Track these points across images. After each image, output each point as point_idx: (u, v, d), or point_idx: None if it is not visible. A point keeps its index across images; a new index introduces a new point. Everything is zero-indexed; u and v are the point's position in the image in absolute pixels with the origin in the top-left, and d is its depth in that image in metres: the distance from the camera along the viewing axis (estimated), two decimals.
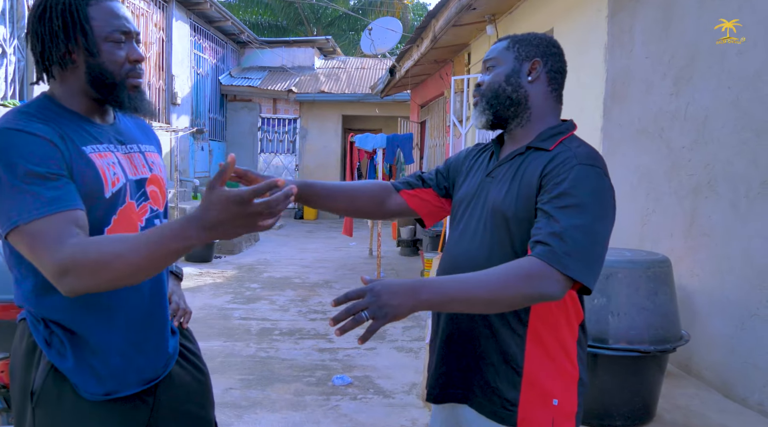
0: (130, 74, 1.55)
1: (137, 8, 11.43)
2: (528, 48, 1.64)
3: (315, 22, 23.77)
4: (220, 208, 1.20)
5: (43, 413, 1.50)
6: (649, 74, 3.94)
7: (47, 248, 1.30)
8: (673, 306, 2.76)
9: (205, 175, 14.52)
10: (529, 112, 1.63)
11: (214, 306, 7.11)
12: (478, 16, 6.68)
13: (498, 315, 1.56)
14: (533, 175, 1.53)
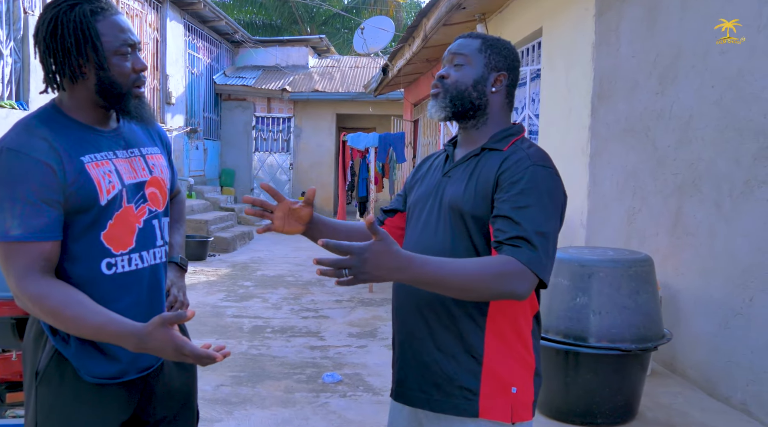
0: (135, 83, 1.64)
1: (131, 9, 11.42)
2: (498, 58, 1.70)
3: (309, 21, 23.75)
4: (160, 344, 1.42)
5: (45, 391, 1.62)
6: (635, 73, 3.97)
7: (15, 272, 1.50)
8: (654, 305, 2.78)
9: (200, 174, 14.52)
10: (486, 117, 1.71)
11: (208, 304, 7.13)
12: (468, 15, 6.69)
13: (459, 305, 1.61)
14: (489, 173, 1.60)
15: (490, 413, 1.59)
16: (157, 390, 1.78)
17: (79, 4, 1.59)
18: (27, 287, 1.49)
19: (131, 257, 1.66)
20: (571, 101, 4.77)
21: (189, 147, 13.86)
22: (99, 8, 1.60)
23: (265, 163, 16.38)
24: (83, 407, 1.63)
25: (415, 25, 7.88)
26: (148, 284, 1.72)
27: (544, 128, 5.38)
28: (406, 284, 1.69)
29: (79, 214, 1.57)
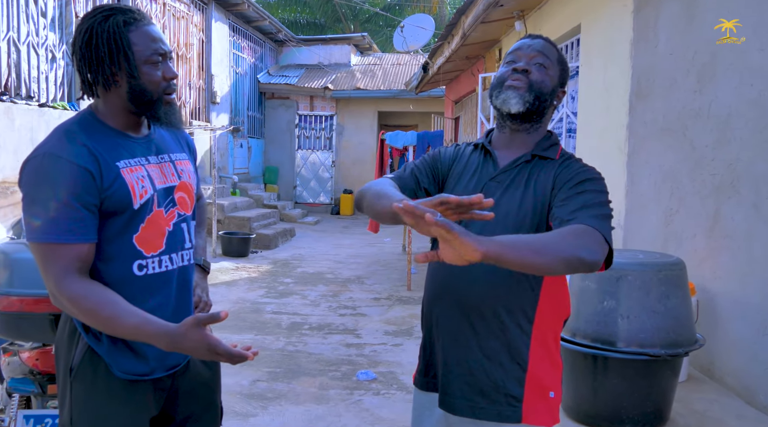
0: (166, 91, 1.71)
1: (178, 11, 11.66)
2: (564, 75, 1.74)
3: (352, 19, 23.84)
4: (194, 344, 1.48)
5: (79, 386, 1.69)
6: (672, 71, 3.88)
7: (54, 274, 1.56)
8: (686, 310, 2.72)
9: (244, 172, 14.75)
10: (540, 125, 1.73)
11: (248, 300, 7.25)
12: (506, 12, 6.64)
13: (508, 313, 1.62)
14: (546, 184, 1.62)
15: (532, 418, 1.61)
16: (184, 388, 1.84)
17: (113, 14, 1.66)
18: (65, 288, 1.55)
19: (161, 259, 1.72)
20: (608, 99, 4.69)
21: (233, 145, 14.09)
22: (132, 19, 1.67)
23: (308, 160, 16.54)
24: (115, 403, 1.69)
25: (454, 22, 7.85)
26: (176, 285, 1.78)
27: (582, 127, 5.30)
28: (449, 289, 1.70)
29: (114, 217, 1.64)
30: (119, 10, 1.68)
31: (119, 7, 1.70)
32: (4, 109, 6.86)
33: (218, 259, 9.66)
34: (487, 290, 1.64)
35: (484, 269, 1.61)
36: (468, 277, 1.67)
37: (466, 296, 1.66)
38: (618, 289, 2.65)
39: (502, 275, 1.61)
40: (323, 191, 16.64)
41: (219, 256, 9.83)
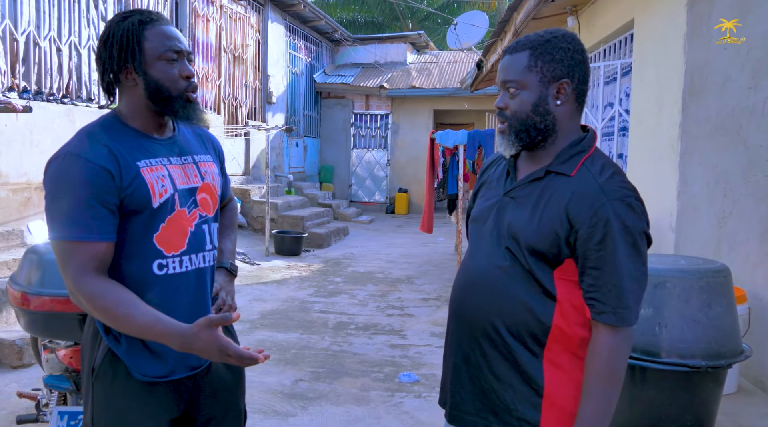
0: (187, 89, 1.73)
1: (234, 13, 11.87)
2: (552, 66, 1.52)
3: (410, 17, 23.79)
4: (205, 345, 1.50)
5: (100, 387, 1.73)
6: (726, 67, 3.69)
7: (72, 272, 1.59)
8: (730, 319, 2.57)
9: (299, 171, 14.92)
10: (555, 136, 1.56)
11: (297, 299, 7.32)
12: (558, 8, 6.48)
13: (515, 337, 1.55)
14: (557, 207, 1.49)
15: None
16: (205, 389, 1.86)
17: (131, 15, 1.70)
18: (83, 286, 1.58)
19: (182, 260, 1.74)
20: (661, 97, 4.51)
21: (289, 144, 14.26)
22: (149, 19, 1.70)
23: (363, 159, 16.60)
24: (134, 404, 1.72)
25: (506, 19, 7.71)
26: (195, 285, 1.79)
27: (635, 126, 5.12)
28: (462, 306, 1.67)
29: (134, 216, 1.66)
30: (138, 11, 1.72)
31: (139, 10, 1.73)
32: (66, 110, 7.12)
33: (271, 257, 9.79)
34: (492, 312, 1.58)
35: (490, 291, 1.59)
36: (476, 298, 1.62)
37: (475, 315, 1.62)
38: (656, 296, 2.53)
39: (507, 299, 1.56)
40: (378, 190, 16.67)
41: (271, 254, 9.96)
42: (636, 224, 1.46)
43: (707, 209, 3.88)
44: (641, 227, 1.48)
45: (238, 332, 5.92)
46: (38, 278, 2.39)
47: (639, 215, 1.48)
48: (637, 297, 1.48)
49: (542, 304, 1.53)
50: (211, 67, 11.01)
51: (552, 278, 1.52)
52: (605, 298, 1.46)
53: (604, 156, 1.58)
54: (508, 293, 1.55)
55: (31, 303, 2.32)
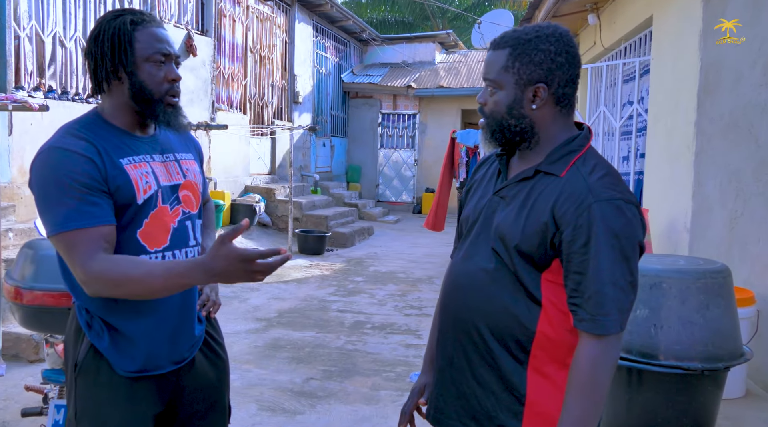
0: (168, 92, 1.74)
1: (261, 13, 11.98)
2: (529, 68, 1.47)
3: (441, 16, 23.73)
4: (225, 262, 1.42)
5: (83, 382, 1.75)
6: (739, 63, 3.60)
7: (79, 258, 1.56)
8: (729, 321, 2.51)
9: (326, 171, 14.98)
10: (538, 137, 1.51)
11: (316, 298, 7.35)
12: (579, 5, 6.40)
13: (499, 342, 1.51)
14: (544, 208, 1.45)
15: None
16: (189, 385, 1.88)
17: (122, 14, 1.73)
18: (92, 267, 1.55)
19: (165, 255, 1.76)
20: (678, 95, 4.41)
21: (315, 144, 14.34)
22: (140, 20, 1.72)
23: (390, 159, 16.60)
24: (117, 398, 1.74)
25: (528, 17, 7.66)
26: None
27: (652, 125, 5.03)
28: (447, 308, 1.64)
29: (120, 211, 1.68)
30: (130, 11, 1.74)
31: (131, 9, 1.76)
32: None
33: (294, 256, 9.84)
34: (477, 316, 1.54)
35: (473, 293, 1.55)
36: (461, 300, 1.59)
37: (459, 318, 1.59)
38: (653, 297, 2.48)
39: (491, 303, 1.52)
40: (405, 190, 16.66)
41: (295, 253, 10.02)
42: (624, 229, 1.38)
43: (719, 210, 3.79)
44: (630, 233, 1.39)
45: (254, 330, 5.99)
46: (32, 272, 2.44)
47: (629, 219, 1.40)
48: (621, 306, 1.40)
49: (527, 309, 1.48)
50: (237, 67, 11.12)
51: (539, 282, 1.47)
52: (586, 304, 1.40)
53: (598, 156, 1.52)
54: (493, 297, 1.51)
55: (23, 297, 2.38)
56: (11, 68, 6.56)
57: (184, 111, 1.86)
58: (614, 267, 1.38)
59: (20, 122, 6.47)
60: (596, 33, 6.78)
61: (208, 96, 10.01)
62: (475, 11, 22.48)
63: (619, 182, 1.45)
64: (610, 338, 1.40)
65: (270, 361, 5.10)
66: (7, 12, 6.47)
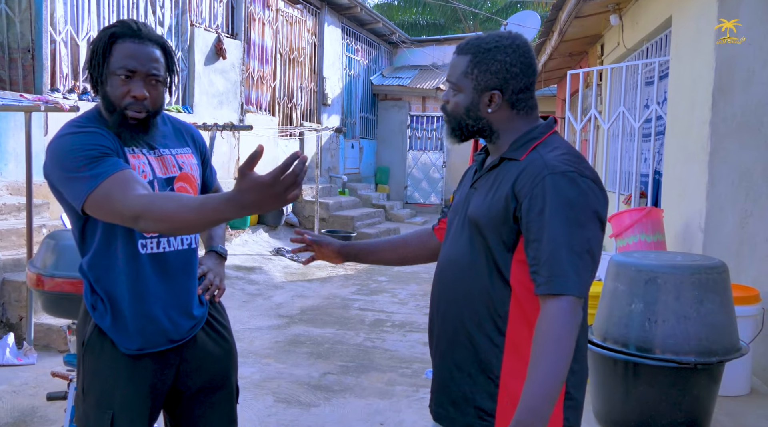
0: (128, 107, 1.82)
1: (291, 16, 12.17)
2: (486, 76, 1.59)
3: (472, 18, 23.71)
4: (253, 193, 1.40)
5: (89, 359, 1.89)
6: (750, 62, 3.61)
7: (119, 199, 1.63)
8: (725, 316, 2.53)
9: (355, 172, 15.12)
10: (497, 133, 1.64)
11: (338, 296, 7.47)
12: (601, 6, 6.40)
13: (476, 325, 1.59)
14: (505, 186, 1.55)
15: None
16: (191, 362, 1.98)
17: (112, 27, 1.85)
18: (132, 202, 1.61)
19: (159, 241, 1.88)
20: (694, 95, 4.42)
21: (344, 146, 14.48)
22: (123, 33, 1.82)
23: (419, 161, 16.67)
24: (119, 374, 1.87)
25: (552, 18, 7.67)
26: (177, 265, 1.93)
27: (671, 125, 5.03)
28: (433, 296, 1.74)
29: None
30: (119, 24, 1.85)
31: (126, 23, 1.85)
32: None
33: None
34: (457, 300, 1.63)
35: (454, 278, 1.64)
36: (443, 287, 1.69)
37: (441, 304, 1.68)
38: (648, 292, 2.52)
39: (469, 286, 1.60)
40: (434, 192, 16.71)
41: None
42: (578, 198, 1.46)
43: (731, 209, 3.80)
44: (584, 202, 1.47)
45: (276, 326, 6.13)
46: (53, 261, 2.60)
47: (582, 190, 1.47)
48: (576, 268, 1.44)
49: (501, 291, 1.56)
50: (266, 69, 11.32)
51: (509, 264, 1.55)
52: (542, 269, 1.45)
53: (561, 141, 1.61)
54: (470, 280, 1.60)
55: (45, 284, 2.53)
56: (47, 71, 6.82)
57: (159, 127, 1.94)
58: (569, 232, 1.44)
59: (55, 123, 6.72)
60: (619, 34, 6.78)
61: (238, 98, 10.22)
62: (506, 13, 22.42)
63: (578, 160, 1.54)
64: (568, 298, 1.43)
65: (289, 356, 5.22)
66: (44, 17, 6.73)
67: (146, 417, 1.92)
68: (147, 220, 1.59)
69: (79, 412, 1.90)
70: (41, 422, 3.74)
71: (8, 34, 6.89)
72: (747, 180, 3.64)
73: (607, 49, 7.92)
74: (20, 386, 4.29)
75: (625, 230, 4.16)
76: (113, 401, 1.85)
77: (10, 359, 4.70)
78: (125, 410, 1.86)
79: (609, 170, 7.09)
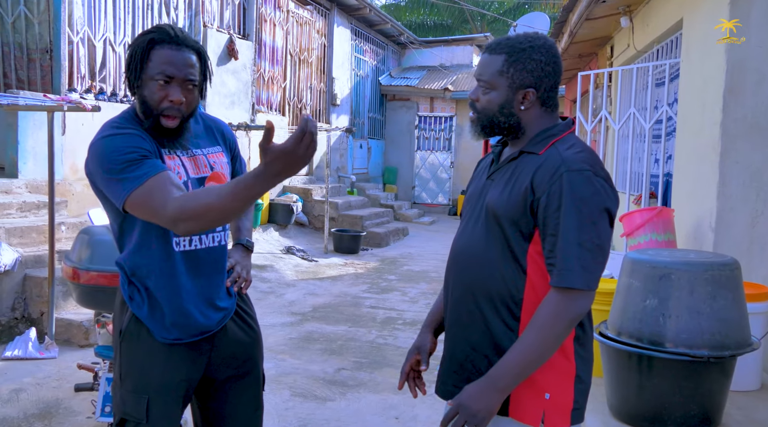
0: (164, 112, 1.90)
1: (301, 17, 12.27)
2: (522, 75, 1.67)
3: (480, 19, 23.77)
4: (278, 162, 1.50)
5: (126, 347, 1.98)
6: (761, 64, 3.68)
7: (158, 202, 1.72)
8: (737, 312, 2.61)
9: (363, 172, 15.20)
10: (523, 130, 1.72)
11: (349, 294, 7.55)
12: (611, 8, 6.46)
13: (492, 310, 1.67)
14: (524, 180, 1.64)
15: (519, 415, 1.64)
16: (223, 351, 2.08)
17: (150, 33, 1.92)
18: (172, 206, 1.69)
19: (191, 239, 1.97)
20: (705, 96, 4.48)
21: (353, 146, 14.57)
22: (161, 39, 1.90)
23: (427, 161, 16.75)
24: (155, 361, 1.97)
25: (562, 20, 7.74)
26: (208, 261, 2.02)
27: (682, 126, 5.09)
28: (447, 282, 1.81)
29: None
30: (157, 30, 1.93)
31: (164, 29, 1.93)
32: None
33: (329, 255, 10.08)
34: (472, 285, 1.71)
35: (470, 265, 1.72)
36: (458, 272, 1.77)
37: (457, 289, 1.75)
38: (662, 288, 2.60)
39: (484, 272, 1.68)
40: (441, 192, 16.78)
41: (330, 252, 10.25)
42: (592, 197, 1.56)
43: (741, 209, 3.87)
44: (597, 200, 1.56)
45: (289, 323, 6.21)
46: (88, 255, 2.69)
47: (596, 188, 1.57)
48: (584, 263, 1.54)
49: (516, 277, 1.65)
50: (276, 70, 11.42)
51: (526, 253, 1.64)
52: (556, 262, 1.56)
53: (578, 140, 1.70)
54: (486, 268, 1.68)
55: (81, 277, 2.63)
56: (65, 72, 6.93)
57: (191, 130, 2.01)
58: (581, 229, 1.55)
59: (72, 123, 6.83)
60: (629, 36, 6.84)
61: (249, 98, 10.32)
62: (514, 14, 22.47)
63: (593, 159, 1.63)
64: (573, 292, 1.55)
65: (303, 352, 5.31)
66: (62, 18, 6.84)
67: (180, 402, 2.01)
68: (186, 221, 1.68)
69: (117, 397, 1.99)
70: (66, 413, 3.84)
71: (27, 35, 7.01)
72: (757, 180, 3.71)
73: (616, 51, 7.98)
74: (43, 379, 4.39)
75: (636, 229, 4.24)
76: (149, 387, 1.94)
77: (32, 352, 4.81)
78: (160, 394, 1.95)
79: (619, 171, 7.16)
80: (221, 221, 1.75)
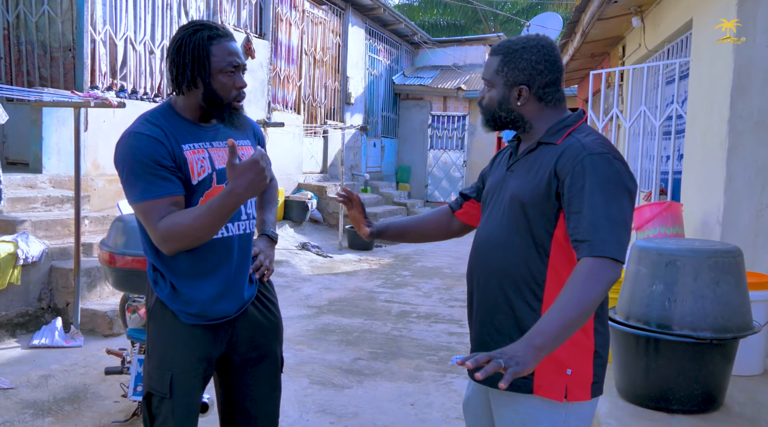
0: (236, 99, 2.08)
1: (316, 17, 12.43)
2: (514, 73, 1.81)
3: (493, 19, 23.85)
4: (241, 178, 1.80)
5: (152, 325, 2.13)
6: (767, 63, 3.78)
7: (152, 223, 1.91)
8: (738, 297, 2.73)
9: (376, 170, 15.35)
10: (529, 124, 1.86)
11: (364, 289, 7.70)
12: (623, 9, 6.57)
13: (516, 292, 1.78)
14: (547, 167, 1.75)
15: (544, 391, 1.74)
16: (242, 333, 2.20)
17: (201, 29, 2.04)
18: (159, 229, 1.91)
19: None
20: (713, 95, 4.59)
21: (367, 144, 14.72)
22: (216, 34, 2.04)
23: (440, 160, 16.87)
24: (178, 340, 2.10)
25: (575, 20, 7.84)
26: (234, 249, 2.14)
27: (690, 124, 5.20)
28: (471, 269, 1.93)
29: (184, 187, 2.02)
30: (207, 26, 2.06)
31: (208, 24, 2.07)
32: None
33: (343, 251, 10.24)
34: (496, 269, 1.82)
35: (494, 251, 1.83)
36: (482, 258, 1.88)
37: (481, 275, 1.87)
38: (668, 273, 2.73)
39: (508, 256, 1.79)
40: (454, 190, 16.88)
41: (344, 248, 10.40)
42: (614, 177, 1.66)
43: (748, 202, 3.98)
44: (619, 180, 1.66)
45: (306, 316, 6.40)
46: (123, 241, 2.86)
47: (617, 169, 1.68)
48: (613, 234, 1.60)
49: (539, 259, 1.76)
50: (292, 69, 11.59)
51: (551, 236, 1.75)
52: (584, 236, 1.61)
53: (592, 129, 1.83)
54: (510, 253, 1.79)
55: (116, 262, 2.79)
56: (87, 69, 7.12)
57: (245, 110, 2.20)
58: (608, 205, 1.63)
59: (94, 120, 7.02)
60: (641, 35, 6.94)
61: (265, 96, 10.50)
62: (527, 14, 22.53)
63: (610, 145, 1.76)
64: (606, 260, 1.58)
65: (320, 343, 5.46)
66: (85, 18, 7.03)
67: (201, 380, 2.15)
68: (168, 243, 1.91)
69: (145, 372, 2.14)
70: (94, 397, 4.01)
71: (50, 34, 7.21)
72: (763, 175, 3.82)
73: (628, 50, 8.08)
74: (70, 366, 4.57)
75: (645, 223, 4.35)
76: (173, 364, 2.08)
77: (59, 341, 5.00)
78: (183, 372, 2.09)
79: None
80: (200, 240, 1.94)
